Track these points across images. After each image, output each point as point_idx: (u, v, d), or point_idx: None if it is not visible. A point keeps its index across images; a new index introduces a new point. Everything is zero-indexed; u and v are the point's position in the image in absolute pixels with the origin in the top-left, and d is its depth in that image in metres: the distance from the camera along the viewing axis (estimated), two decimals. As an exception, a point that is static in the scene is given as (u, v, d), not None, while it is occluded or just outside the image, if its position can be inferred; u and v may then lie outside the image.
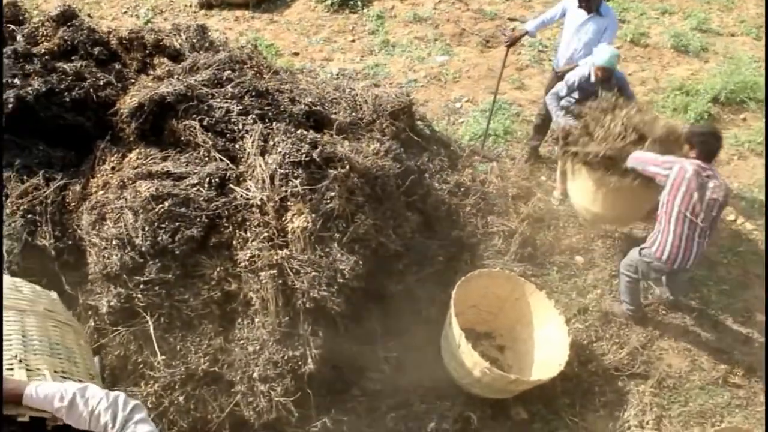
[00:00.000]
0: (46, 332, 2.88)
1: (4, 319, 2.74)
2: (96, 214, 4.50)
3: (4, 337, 2.65)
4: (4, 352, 2.56)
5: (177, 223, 4.34)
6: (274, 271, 4.26)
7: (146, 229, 4.29)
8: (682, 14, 9.63)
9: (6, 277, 3.12)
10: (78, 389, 2.25)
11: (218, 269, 4.40)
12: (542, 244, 6.17)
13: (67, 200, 4.66)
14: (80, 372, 2.81)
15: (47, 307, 3.07)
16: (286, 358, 4.23)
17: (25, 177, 4.62)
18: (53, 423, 2.27)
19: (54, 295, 3.23)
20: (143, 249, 4.26)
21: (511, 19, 9.33)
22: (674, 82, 8.22)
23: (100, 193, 4.63)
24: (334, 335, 4.50)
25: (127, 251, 4.28)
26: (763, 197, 6.78)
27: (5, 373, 2.39)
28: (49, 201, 4.55)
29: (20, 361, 2.55)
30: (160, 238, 4.29)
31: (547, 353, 5.06)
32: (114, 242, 4.31)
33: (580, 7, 6.19)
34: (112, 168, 4.77)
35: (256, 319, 4.32)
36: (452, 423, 4.77)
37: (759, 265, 6.18)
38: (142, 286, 4.25)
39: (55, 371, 2.63)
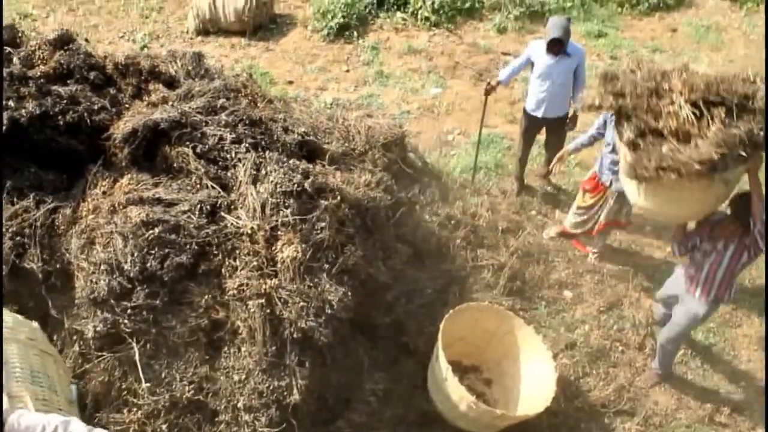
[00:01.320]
0: (28, 360, 2.87)
1: None
2: (85, 239, 4.49)
3: None
4: None
5: (167, 250, 4.33)
6: (263, 301, 4.25)
7: (135, 254, 4.27)
8: (672, 52, 9.77)
9: None
10: (61, 422, 2.24)
11: (206, 297, 4.38)
12: (531, 278, 6.19)
13: (57, 223, 4.65)
14: (60, 401, 2.80)
15: (28, 335, 3.06)
16: (271, 388, 4.20)
17: (15, 199, 4.61)
18: None
19: (35, 324, 3.22)
20: (132, 275, 4.24)
21: (505, 54, 9.43)
22: (664, 120, 8.30)
23: (90, 217, 4.63)
24: (321, 366, 4.48)
25: (115, 276, 4.26)
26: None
27: None
28: (38, 224, 4.54)
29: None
30: (149, 264, 4.27)
31: (533, 388, 5.05)
32: (102, 267, 4.29)
33: (549, 53, 6.15)
34: (104, 192, 4.76)
35: (243, 348, 4.30)
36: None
37: (745, 303, 6.21)
38: (129, 311, 4.22)
39: (36, 399, 2.61)
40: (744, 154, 3.99)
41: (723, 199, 4.60)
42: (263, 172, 4.67)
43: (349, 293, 4.46)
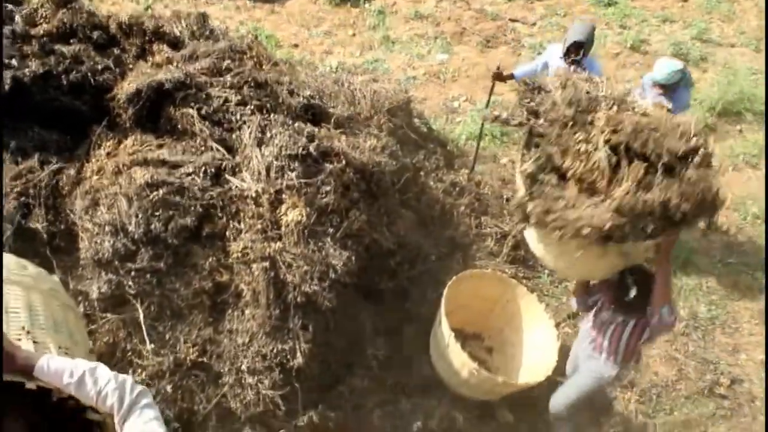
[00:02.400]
0: (51, 310, 2.89)
1: (12, 293, 2.75)
2: (90, 200, 4.47)
3: (11, 310, 2.66)
4: (12, 323, 2.57)
5: (171, 212, 4.32)
6: (267, 264, 4.24)
7: (139, 216, 4.26)
8: (682, 23, 9.65)
9: (12, 257, 3.12)
10: (88, 368, 2.28)
11: (210, 259, 4.37)
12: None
13: (61, 184, 4.62)
14: (80, 352, 2.81)
15: (52, 287, 3.08)
16: (275, 351, 4.21)
17: (19, 159, 4.57)
18: (59, 395, 2.29)
19: (56, 278, 3.24)
20: (136, 236, 4.23)
21: (513, 20, 9.33)
22: (672, 90, 8.22)
23: (95, 178, 4.60)
24: (324, 330, 4.49)
25: (119, 238, 4.25)
26: (755, 210, 6.81)
27: (16, 342, 2.40)
28: (43, 184, 4.51)
29: (27, 332, 2.57)
30: (153, 226, 4.26)
31: (535, 357, 5.07)
32: (107, 228, 4.28)
33: (565, 58, 5.73)
34: (108, 153, 4.73)
35: (247, 311, 4.30)
36: (438, 422, 4.76)
37: (749, 276, 6.21)
38: (133, 273, 4.22)
39: (59, 347, 2.64)
40: (649, 230, 3.18)
41: (622, 268, 3.79)
42: (268, 134, 4.64)
43: (353, 258, 4.46)
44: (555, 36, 9.01)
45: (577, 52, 5.67)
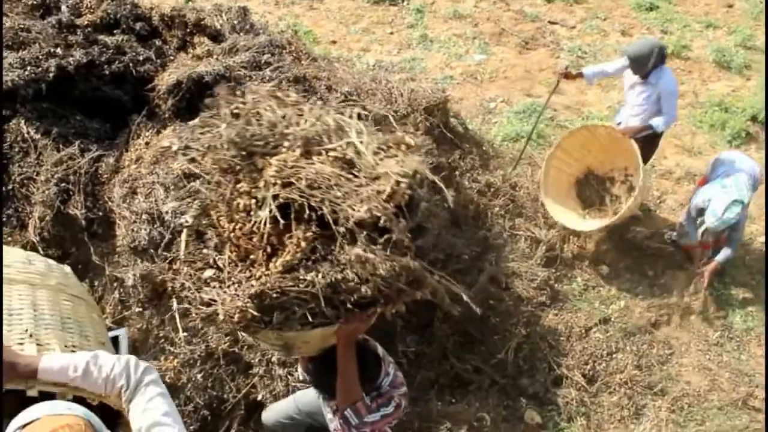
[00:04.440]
0: (58, 306, 2.88)
1: (16, 293, 2.76)
2: (127, 188, 4.54)
3: (14, 312, 2.67)
4: (15, 326, 2.58)
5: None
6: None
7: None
8: (726, 29, 9.47)
9: (18, 251, 3.14)
10: (90, 357, 2.27)
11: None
12: (568, 250, 6.13)
13: (101, 172, 4.69)
14: (91, 346, 2.81)
15: (59, 280, 3.07)
16: (305, 344, 4.22)
17: (60, 146, 4.66)
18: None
19: (67, 269, 3.25)
20: (172, 225, 4.28)
21: (552, 23, 9.23)
22: (713, 98, 8.09)
23: (133, 167, 4.66)
24: (354, 325, 4.49)
25: (155, 226, 4.30)
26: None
27: (16, 348, 2.41)
28: (83, 171, 4.59)
29: (31, 335, 2.57)
30: (188, 216, 4.29)
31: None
32: (144, 216, 4.34)
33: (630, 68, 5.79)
34: (146, 143, 4.79)
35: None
36: (465, 422, 4.75)
37: (787, 288, 6.09)
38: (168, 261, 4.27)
39: (65, 346, 2.63)
40: (312, 319, 2.45)
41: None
42: (306, 129, 4.63)
43: (387, 255, 4.44)
44: (594, 39, 8.93)
45: (635, 69, 5.68)
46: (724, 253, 5.78)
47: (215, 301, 2.45)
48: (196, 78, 4.80)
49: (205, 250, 2.63)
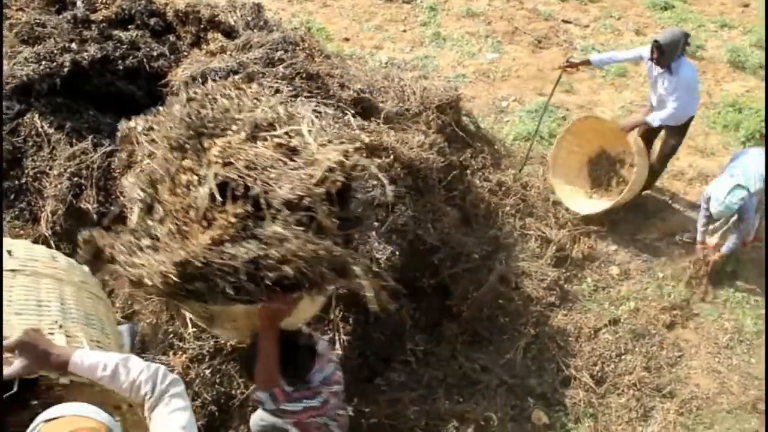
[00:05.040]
0: (82, 302, 2.92)
1: (44, 286, 2.79)
2: (140, 182, 4.55)
3: (44, 304, 2.70)
4: (44, 317, 2.61)
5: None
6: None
7: (188, 201, 4.31)
8: (742, 29, 9.40)
9: (42, 248, 3.16)
10: (120, 360, 2.29)
11: (254, 247, 4.40)
12: (579, 251, 6.11)
13: (113, 166, 4.72)
14: (111, 345, 2.85)
15: (81, 278, 3.11)
16: (314, 341, 4.24)
17: (74, 140, 4.69)
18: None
19: (86, 268, 3.27)
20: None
21: (566, 21, 9.21)
22: (727, 98, 8.04)
23: (146, 162, 4.68)
24: (364, 323, 4.51)
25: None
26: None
27: (48, 337, 2.43)
28: (95, 166, 4.62)
29: (60, 326, 2.60)
30: (200, 212, 4.30)
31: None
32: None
33: (651, 60, 5.83)
34: (159, 138, 4.81)
35: (288, 300, 4.33)
36: (472, 421, 4.76)
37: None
38: (179, 257, 4.29)
39: (90, 340, 2.66)
40: (233, 294, 2.49)
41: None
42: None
43: (397, 252, 4.46)
44: (608, 38, 8.89)
45: (659, 53, 5.68)
46: (729, 243, 5.81)
47: (144, 265, 2.54)
48: (209, 74, 4.82)
49: (150, 222, 2.74)
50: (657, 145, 6.46)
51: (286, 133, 2.73)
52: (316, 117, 2.90)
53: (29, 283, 2.75)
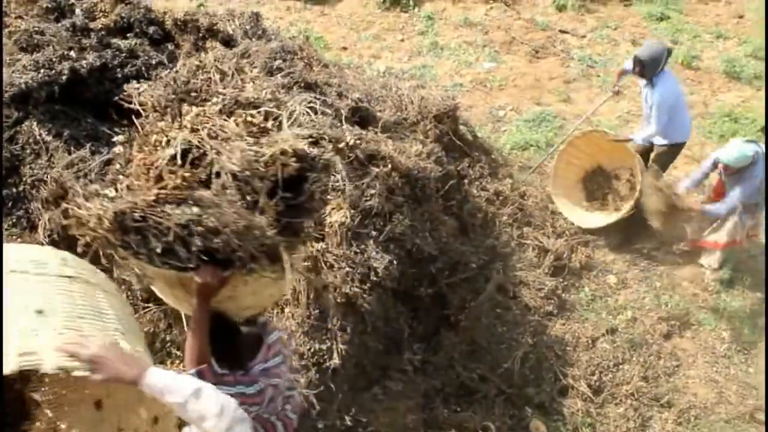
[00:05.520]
0: (127, 313, 2.91)
1: (96, 294, 2.76)
2: (138, 191, 4.55)
3: (103, 311, 2.65)
4: (108, 323, 2.57)
5: (216, 206, 4.36)
6: (308, 263, 4.27)
7: (186, 210, 4.31)
8: (737, 40, 9.46)
9: (84, 261, 3.13)
10: (194, 389, 2.23)
11: (253, 256, 4.40)
12: (576, 260, 6.12)
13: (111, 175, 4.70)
14: (141, 352, 2.81)
15: (116, 289, 3.10)
16: (312, 350, 4.23)
17: (72, 148, 4.67)
18: None
19: (96, 269, 3.26)
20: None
21: (563, 32, 9.25)
22: (723, 108, 8.09)
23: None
24: (362, 332, 4.50)
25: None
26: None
27: (124, 347, 2.39)
28: (93, 174, 4.60)
29: (123, 334, 2.56)
30: (198, 220, 4.30)
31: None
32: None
33: (633, 72, 5.91)
34: (157, 147, 4.81)
35: (286, 310, 4.33)
36: (470, 431, 4.75)
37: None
38: (176, 266, 4.27)
39: (136, 350, 2.63)
40: (161, 255, 2.46)
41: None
42: (316, 135, 4.65)
43: (395, 262, 4.46)
44: (605, 49, 8.94)
45: (640, 67, 5.73)
46: (727, 200, 5.78)
47: (90, 208, 2.52)
48: (207, 82, 4.82)
49: (120, 176, 2.73)
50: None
51: (264, 114, 2.73)
52: (308, 110, 2.90)
53: (87, 290, 2.73)
